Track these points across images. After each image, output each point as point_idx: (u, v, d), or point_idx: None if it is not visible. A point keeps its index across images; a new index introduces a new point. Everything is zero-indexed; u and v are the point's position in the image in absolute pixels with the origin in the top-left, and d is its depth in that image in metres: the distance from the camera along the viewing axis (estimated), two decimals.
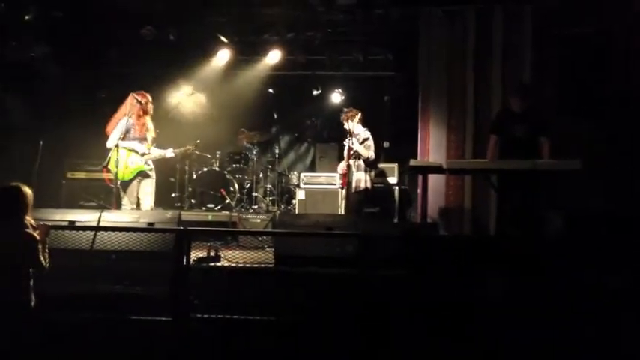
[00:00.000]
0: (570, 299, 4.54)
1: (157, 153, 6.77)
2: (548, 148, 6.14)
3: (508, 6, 7.40)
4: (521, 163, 5.83)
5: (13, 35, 8.30)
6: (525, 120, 6.21)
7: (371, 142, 7.29)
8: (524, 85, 6.88)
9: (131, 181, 6.54)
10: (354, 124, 7.28)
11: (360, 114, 7.33)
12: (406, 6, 7.73)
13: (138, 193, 6.55)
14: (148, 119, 6.73)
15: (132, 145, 6.55)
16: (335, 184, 8.21)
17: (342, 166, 7.53)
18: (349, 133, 7.20)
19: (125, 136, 6.55)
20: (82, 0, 7.98)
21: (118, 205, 6.59)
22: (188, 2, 7.85)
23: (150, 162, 6.73)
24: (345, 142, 7.37)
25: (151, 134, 6.72)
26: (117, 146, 6.37)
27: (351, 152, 7.20)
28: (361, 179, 7.21)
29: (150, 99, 6.72)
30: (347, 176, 7.18)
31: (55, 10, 8.11)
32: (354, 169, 7.21)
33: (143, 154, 6.58)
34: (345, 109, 7.51)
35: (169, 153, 6.91)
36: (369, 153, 7.22)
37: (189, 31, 9.18)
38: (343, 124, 7.34)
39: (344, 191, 7.42)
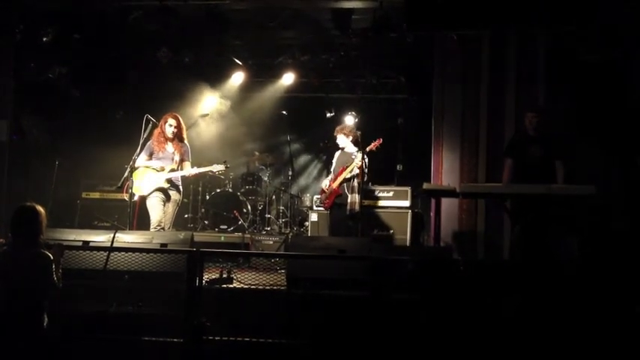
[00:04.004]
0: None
1: (173, 175, 6.60)
2: (562, 173, 6.09)
3: (522, 31, 7.39)
4: (534, 187, 5.78)
5: (32, 57, 8.41)
6: (541, 143, 6.18)
7: None
8: (540, 106, 6.86)
9: (150, 198, 6.56)
10: (348, 141, 7.27)
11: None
12: (421, 30, 7.76)
13: (157, 211, 6.54)
14: (168, 141, 6.68)
15: (149, 164, 6.58)
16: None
17: (328, 183, 7.32)
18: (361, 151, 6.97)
19: (150, 157, 6.61)
20: (99, 22, 8.08)
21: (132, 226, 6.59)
22: (203, 25, 7.93)
23: (174, 181, 6.65)
24: (356, 159, 7.02)
25: (174, 156, 6.64)
26: (132, 167, 6.38)
27: (345, 169, 7.08)
28: (355, 201, 7.00)
29: (168, 120, 6.64)
30: (335, 196, 7.12)
31: (73, 32, 8.23)
32: (347, 191, 7.07)
33: (161, 168, 6.57)
34: (346, 125, 7.51)
35: (191, 170, 6.71)
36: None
37: (205, 53, 9.29)
38: (337, 137, 7.32)
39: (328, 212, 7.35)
